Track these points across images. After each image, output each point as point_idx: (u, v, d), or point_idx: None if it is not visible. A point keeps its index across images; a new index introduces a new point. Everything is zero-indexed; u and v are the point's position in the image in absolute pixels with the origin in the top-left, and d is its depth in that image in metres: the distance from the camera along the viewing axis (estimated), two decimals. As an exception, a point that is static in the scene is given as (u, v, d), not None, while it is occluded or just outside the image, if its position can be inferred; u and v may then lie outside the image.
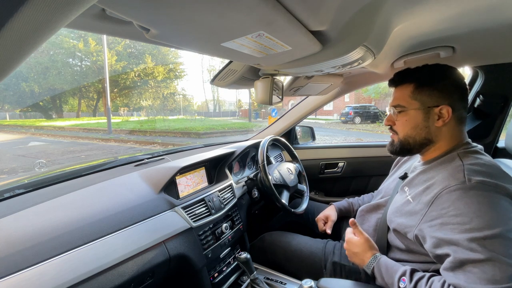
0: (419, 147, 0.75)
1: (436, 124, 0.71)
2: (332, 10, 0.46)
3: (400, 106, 0.74)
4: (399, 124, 0.76)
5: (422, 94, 0.71)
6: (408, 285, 0.61)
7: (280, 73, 0.85)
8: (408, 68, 0.76)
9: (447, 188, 0.61)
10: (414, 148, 0.75)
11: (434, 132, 0.72)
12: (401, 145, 0.76)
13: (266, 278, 1.03)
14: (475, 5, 0.57)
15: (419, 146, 0.74)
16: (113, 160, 1.11)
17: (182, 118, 21.22)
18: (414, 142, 0.74)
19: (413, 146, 0.75)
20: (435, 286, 0.57)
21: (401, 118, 0.75)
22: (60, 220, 0.65)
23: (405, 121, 0.74)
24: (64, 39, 15.69)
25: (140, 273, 0.71)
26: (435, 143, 0.73)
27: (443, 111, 0.69)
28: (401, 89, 0.75)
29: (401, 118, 0.75)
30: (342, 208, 1.16)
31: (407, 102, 0.73)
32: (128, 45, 17.60)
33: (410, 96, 0.72)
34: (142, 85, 19.37)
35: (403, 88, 0.74)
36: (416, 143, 0.74)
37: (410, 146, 0.75)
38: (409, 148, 0.76)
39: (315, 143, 1.94)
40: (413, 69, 0.75)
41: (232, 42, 0.50)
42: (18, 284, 0.51)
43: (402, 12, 0.58)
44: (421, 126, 0.72)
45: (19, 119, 18.71)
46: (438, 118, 0.70)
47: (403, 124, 0.74)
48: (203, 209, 0.97)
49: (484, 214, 0.54)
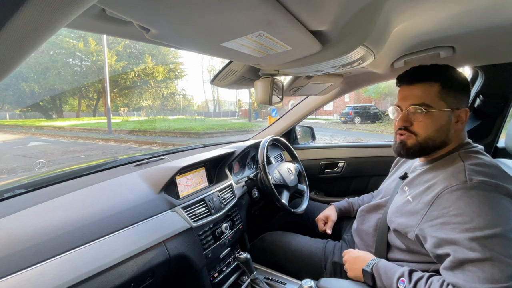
0: (434, 149, 0.71)
1: (455, 126, 0.70)
2: (332, 10, 0.46)
3: (425, 105, 0.68)
4: (421, 125, 0.69)
5: (448, 95, 0.68)
6: (407, 286, 0.61)
7: (280, 73, 0.85)
8: (432, 65, 0.71)
9: (448, 188, 0.61)
10: (431, 149, 0.71)
11: (452, 134, 0.70)
12: (420, 147, 0.70)
13: (266, 278, 1.03)
14: (475, 5, 0.57)
15: (436, 148, 0.71)
16: (113, 160, 1.11)
17: (182, 118, 21.22)
18: (433, 144, 0.70)
19: (432, 148, 0.71)
20: (434, 286, 0.57)
21: (425, 119, 0.69)
22: (60, 220, 0.65)
23: (430, 122, 0.68)
24: (64, 39, 15.68)
25: (140, 273, 0.71)
26: (448, 145, 0.71)
27: (462, 114, 0.69)
28: (424, 86, 0.69)
29: (425, 119, 0.69)
30: (342, 208, 1.16)
31: (434, 102, 0.68)
32: (128, 45, 17.60)
33: (438, 96, 0.68)
34: (142, 85, 19.37)
35: (427, 86, 0.69)
36: (435, 145, 0.70)
37: (429, 148, 0.71)
38: (427, 150, 0.72)
39: (315, 143, 1.94)
40: (437, 67, 0.70)
41: (232, 42, 0.50)
42: (18, 284, 0.51)
43: (402, 12, 0.58)
44: (444, 128, 0.69)
45: (19, 119, 18.71)
46: (457, 121, 0.70)
47: (427, 125, 0.69)
48: (203, 209, 0.97)
49: (485, 214, 0.54)
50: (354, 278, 0.77)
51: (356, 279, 0.77)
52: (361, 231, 0.93)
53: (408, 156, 0.75)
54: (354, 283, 0.76)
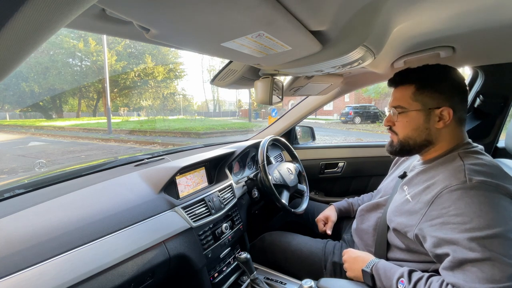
0: (419, 148, 0.75)
1: (436, 125, 0.70)
2: (332, 10, 0.46)
3: (400, 107, 0.74)
4: (399, 125, 0.75)
5: (423, 95, 0.71)
6: (407, 286, 0.61)
7: (280, 73, 0.85)
8: (409, 68, 0.76)
9: (448, 187, 0.61)
10: (414, 149, 0.75)
11: (435, 133, 0.71)
12: (401, 146, 0.76)
13: (266, 278, 1.03)
14: (475, 5, 0.57)
15: (419, 147, 0.74)
16: (113, 160, 1.11)
17: (182, 118, 21.22)
18: (414, 144, 0.74)
19: (413, 147, 0.75)
20: (433, 286, 0.57)
21: (402, 119, 0.74)
22: (60, 220, 0.65)
23: (405, 122, 0.73)
24: (64, 39, 15.68)
25: (140, 273, 0.71)
26: (435, 145, 0.73)
27: (444, 113, 0.69)
28: (401, 89, 0.74)
29: (401, 119, 0.74)
30: (342, 208, 1.16)
31: (408, 103, 0.72)
32: (128, 45, 17.60)
33: (411, 97, 0.72)
34: (142, 85, 19.37)
35: (403, 89, 0.74)
36: (416, 144, 0.74)
37: (410, 147, 0.75)
38: (408, 149, 0.76)
39: (315, 143, 1.94)
40: (414, 69, 0.75)
41: (232, 42, 0.50)
42: (18, 284, 0.51)
43: (402, 12, 0.58)
44: (422, 127, 0.72)
45: (19, 119, 18.71)
46: (439, 120, 0.70)
47: (404, 125, 0.74)
48: (203, 209, 0.97)
49: (485, 214, 0.54)
50: (353, 278, 0.78)
51: (355, 279, 0.77)
52: (361, 230, 0.93)
53: (396, 154, 0.79)
54: (354, 283, 0.76)
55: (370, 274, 0.71)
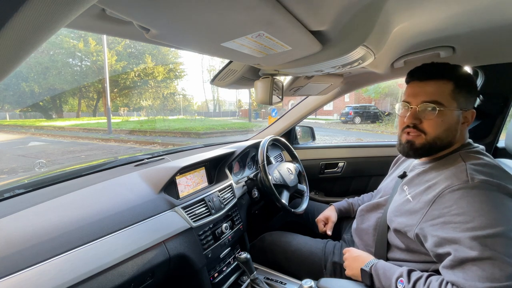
0: (439, 150, 0.70)
1: (461, 127, 0.70)
2: (332, 10, 0.46)
3: (438, 103, 0.66)
4: (431, 124, 0.68)
5: (460, 95, 0.67)
6: (406, 286, 0.61)
7: (280, 73, 0.85)
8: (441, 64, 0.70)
9: (450, 187, 0.61)
10: (438, 150, 0.70)
11: (458, 134, 0.70)
12: (429, 146, 0.69)
13: (266, 278, 1.03)
14: (475, 5, 0.57)
15: (441, 148, 0.70)
16: (113, 160, 1.11)
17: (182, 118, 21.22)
18: (441, 144, 0.69)
19: (439, 147, 0.70)
20: (433, 286, 0.57)
21: (437, 117, 0.67)
22: (60, 220, 0.65)
23: (440, 121, 0.67)
24: (64, 39, 15.68)
25: (140, 273, 0.71)
26: (452, 146, 0.71)
27: (468, 115, 0.69)
28: (437, 84, 0.67)
29: (436, 117, 0.67)
30: (342, 208, 1.16)
31: (447, 100, 0.66)
32: (128, 45, 17.60)
33: (451, 95, 0.67)
34: (142, 85, 19.37)
35: (440, 84, 0.67)
36: (442, 145, 0.69)
37: (436, 148, 0.70)
38: (434, 150, 0.71)
39: (315, 143, 1.94)
40: (451, 65, 0.69)
41: (232, 42, 0.50)
42: (18, 284, 0.51)
43: (402, 12, 0.58)
44: (453, 128, 0.68)
45: (19, 119, 18.70)
46: (463, 122, 0.70)
47: (437, 124, 0.67)
48: (203, 209, 0.97)
49: (487, 213, 0.54)
50: (352, 277, 0.78)
51: (353, 277, 0.77)
52: (361, 230, 0.93)
53: (416, 156, 0.74)
54: (354, 283, 0.76)
55: (369, 273, 0.71)
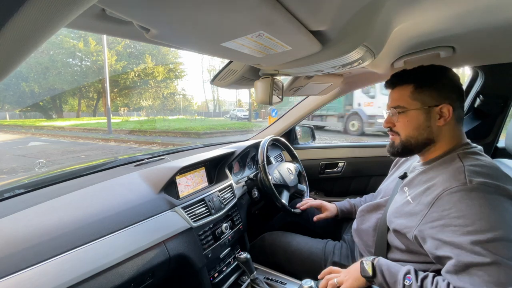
0: (421, 147, 0.74)
1: (437, 123, 0.71)
2: (332, 10, 0.46)
3: (400, 107, 0.74)
4: (400, 125, 0.75)
5: (422, 94, 0.71)
6: (414, 283, 0.60)
7: (280, 73, 0.85)
8: (405, 70, 0.76)
9: (448, 189, 0.61)
10: (416, 148, 0.75)
11: (436, 131, 0.72)
12: (403, 145, 0.75)
13: (266, 278, 1.03)
14: (475, 5, 0.57)
15: (421, 146, 0.74)
16: (113, 160, 1.11)
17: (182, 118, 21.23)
18: (416, 142, 0.74)
19: (415, 146, 0.74)
20: (440, 286, 0.57)
21: (402, 119, 0.74)
22: (60, 220, 0.65)
23: (406, 121, 0.73)
24: (64, 39, 15.69)
25: (140, 273, 0.71)
26: (436, 143, 0.73)
27: (444, 110, 0.70)
28: (399, 90, 0.75)
29: (402, 119, 0.74)
30: (344, 209, 1.15)
31: (407, 102, 0.73)
32: (128, 45, 17.61)
33: (410, 97, 0.72)
34: (142, 85, 19.39)
35: (401, 89, 0.74)
36: (418, 143, 0.74)
37: (412, 147, 0.75)
38: (411, 149, 0.75)
39: (315, 143, 1.94)
40: (411, 70, 0.75)
41: (232, 42, 0.50)
42: (18, 284, 0.51)
43: (402, 12, 0.58)
44: (423, 126, 0.72)
45: (19, 119, 18.71)
46: (439, 117, 0.70)
47: (405, 124, 0.74)
48: (203, 209, 0.97)
49: (487, 216, 0.54)
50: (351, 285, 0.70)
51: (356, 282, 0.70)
52: (361, 231, 0.93)
53: (398, 155, 0.79)
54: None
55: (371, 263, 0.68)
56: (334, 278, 0.74)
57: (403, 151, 0.76)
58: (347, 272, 0.74)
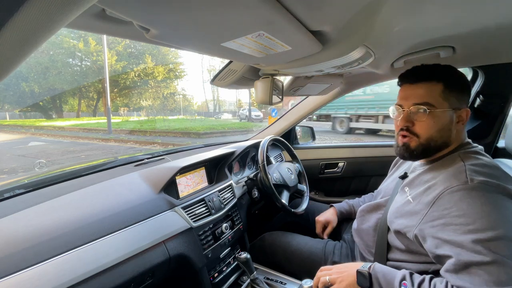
0: (436, 150, 0.71)
1: (457, 126, 0.70)
2: (332, 10, 0.46)
3: (429, 104, 0.67)
4: (423, 125, 0.69)
5: (451, 95, 0.68)
6: None
7: (280, 73, 0.85)
8: (429, 65, 0.71)
9: (449, 188, 0.61)
10: (433, 151, 0.71)
11: (453, 134, 0.70)
12: (423, 148, 0.70)
13: (266, 278, 1.03)
14: (475, 5, 0.57)
15: (437, 149, 0.70)
16: (113, 160, 1.11)
17: (182, 118, 21.23)
18: (435, 145, 0.70)
19: (434, 148, 0.70)
20: None
21: (428, 118, 0.68)
22: (60, 220, 0.65)
23: (432, 122, 0.68)
24: (64, 39, 15.69)
25: (140, 273, 0.71)
26: (448, 146, 0.71)
27: (463, 114, 0.69)
28: (427, 86, 0.69)
29: (427, 119, 0.68)
30: (343, 211, 1.15)
31: (437, 101, 0.67)
32: (128, 45, 17.61)
33: (441, 96, 0.67)
34: (142, 85, 19.39)
35: (430, 86, 0.68)
36: (436, 146, 0.70)
37: (431, 149, 0.70)
38: (430, 152, 0.71)
39: (315, 143, 1.94)
40: (440, 66, 0.70)
41: (232, 42, 0.50)
42: (18, 284, 0.51)
43: (402, 12, 0.58)
44: (446, 128, 0.69)
45: (19, 119, 18.70)
46: (458, 121, 0.70)
47: (429, 125, 0.68)
48: (203, 209, 0.97)
49: (487, 215, 0.54)
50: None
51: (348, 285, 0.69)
52: (361, 231, 0.93)
53: (412, 159, 0.75)
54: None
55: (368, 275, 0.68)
56: (326, 276, 0.72)
57: (421, 154, 0.71)
58: (339, 273, 0.71)
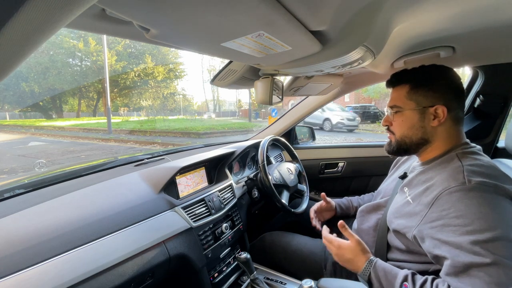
0: (416, 147, 0.75)
1: (432, 124, 0.71)
2: (332, 10, 0.46)
3: (396, 106, 0.75)
4: (396, 125, 0.77)
5: (417, 94, 0.72)
6: None
7: (280, 73, 0.85)
8: (405, 69, 0.77)
9: (447, 189, 0.61)
10: (411, 148, 0.76)
11: (430, 132, 0.72)
12: (398, 145, 0.77)
13: (266, 278, 1.03)
14: (475, 5, 0.57)
15: (416, 146, 0.75)
16: (113, 160, 1.11)
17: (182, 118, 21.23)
18: (411, 142, 0.75)
19: (410, 146, 0.75)
20: None
21: (398, 118, 0.76)
22: (60, 220, 0.65)
23: (401, 121, 0.75)
24: (64, 39, 15.69)
25: (140, 273, 0.71)
26: (431, 143, 0.73)
27: (438, 111, 0.70)
28: (397, 89, 0.76)
29: (397, 119, 0.76)
30: (342, 205, 1.15)
31: (403, 102, 0.74)
32: (128, 45, 17.61)
33: (406, 97, 0.74)
34: (142, 85, 19.39)
35: (399, 89, 0.76)
36: (413, 143, 0.75)
37: (407, 146, 0.76)
38: (405, 148, 0.77)
39: (315, 143, 1.94)
40: (409, 70, 0.76)
41: (232, 42, 0.50)
42: (18, 284, 0.51)
43: (402, 12, 0.58)
44: (417, 126, 0.73)
45: (19, 119, 18.69)
46: (434, 118, 0.71)
47: (400, 124, 0.76)
48: (203, 209, 0.97)
49: (485, 216, 0.54)
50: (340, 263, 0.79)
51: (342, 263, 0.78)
52: (361, 231, 0.93)
53: (394, 154, 0.80)
54: (354, 282, 0.76)
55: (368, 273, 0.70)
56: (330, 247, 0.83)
57: (398, 150, 0.78)
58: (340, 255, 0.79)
